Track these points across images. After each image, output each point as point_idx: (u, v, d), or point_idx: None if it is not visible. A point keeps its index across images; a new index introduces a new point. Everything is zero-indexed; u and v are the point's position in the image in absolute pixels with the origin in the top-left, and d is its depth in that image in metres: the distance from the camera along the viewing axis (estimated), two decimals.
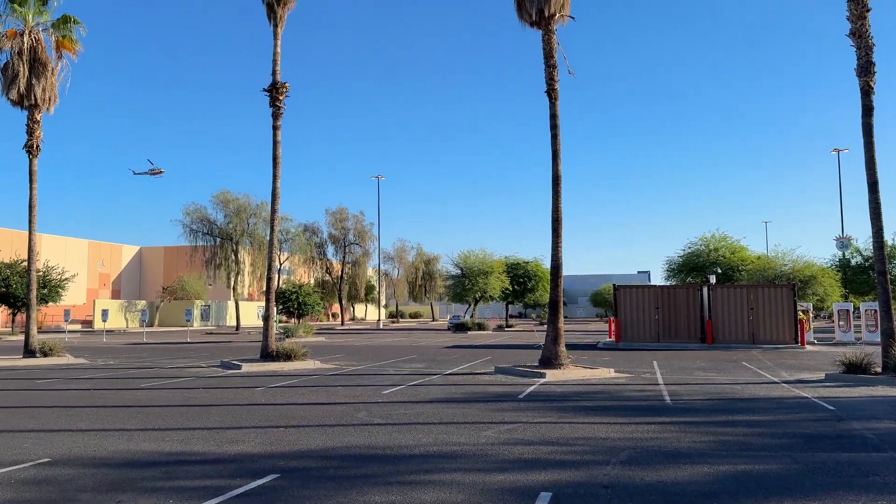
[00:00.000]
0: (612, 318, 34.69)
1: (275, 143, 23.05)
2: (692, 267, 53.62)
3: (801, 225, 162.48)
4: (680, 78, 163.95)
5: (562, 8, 19.28)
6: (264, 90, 23.07)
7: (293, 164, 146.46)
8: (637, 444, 9.04)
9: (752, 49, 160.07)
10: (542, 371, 17.62)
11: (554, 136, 19.20)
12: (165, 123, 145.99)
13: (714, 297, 30.87)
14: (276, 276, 23.62)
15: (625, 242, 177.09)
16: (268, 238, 26.24)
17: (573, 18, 19.77)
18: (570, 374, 17.69)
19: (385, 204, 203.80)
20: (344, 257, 78.52)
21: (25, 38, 24.77)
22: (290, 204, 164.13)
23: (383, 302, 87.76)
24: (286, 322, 56.01)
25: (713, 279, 42.63)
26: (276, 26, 22.96)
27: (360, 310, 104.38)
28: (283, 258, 67.30)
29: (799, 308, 30.91)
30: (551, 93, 19.37)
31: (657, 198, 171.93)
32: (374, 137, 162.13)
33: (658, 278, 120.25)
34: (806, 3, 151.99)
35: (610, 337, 35.15)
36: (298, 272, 78.25)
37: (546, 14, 19.07)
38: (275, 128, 23.08)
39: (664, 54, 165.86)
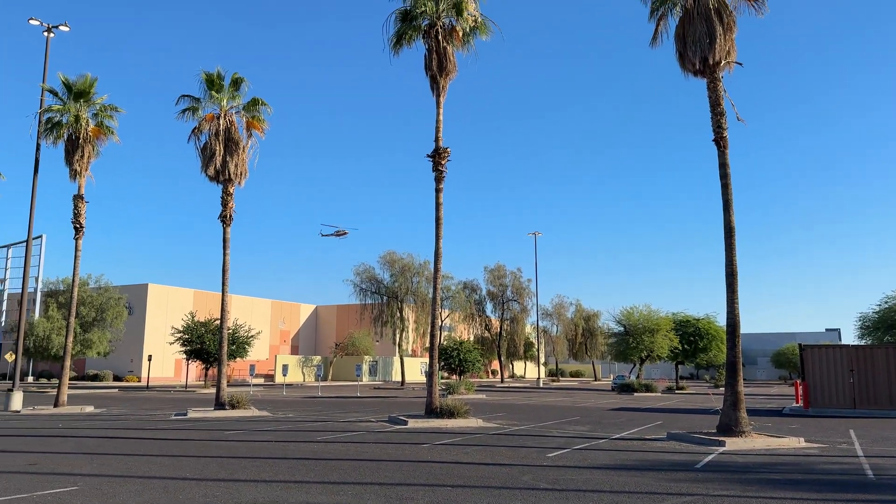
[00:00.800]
0: (798, 381, 31.64)
1: (437, 204, 23.88)
2: (891, 324, 47.90)
3: None
4: (857, 105, 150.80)
5: (727, 55, 18.56)
6: (428, 156, 24.12)
7: (453, 222, 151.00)
8: None
9: None
10: (720, 439, 16.33)
11: (725, 186, 18.25)
12: (335, 189, 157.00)
13: None
14: (439, 333, 24.13)
15: (809, 297, 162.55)
16: (430, 295, 27.00)
17: (740, 64, 18.97)
18: (752, 442, 16.24)
19: (542, 259, 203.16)
20: (502, 314, 78.83)
21: (221, 121, 27.86)
22: (449, 262, 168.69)
23: (542, 359, 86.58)
24: (448, 378, 56.84)
25: None
26: (438, 95, 24.10)
27: (518, 367, 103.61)
28: (443, 315, 68.84)
29: None
30: (720, 141, 18.53)
31: (846, 246, 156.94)
32: (531, 193, 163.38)
33: (849, 337, 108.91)
34: None
35: (797, 402, 32.05)
36: (458, 329, 79.54)
37: (710, 62, 18.45)
38: (437, 191, 23.96)
39: (833, 79, 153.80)
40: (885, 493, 10.38)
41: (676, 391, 54.17)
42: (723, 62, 18.58)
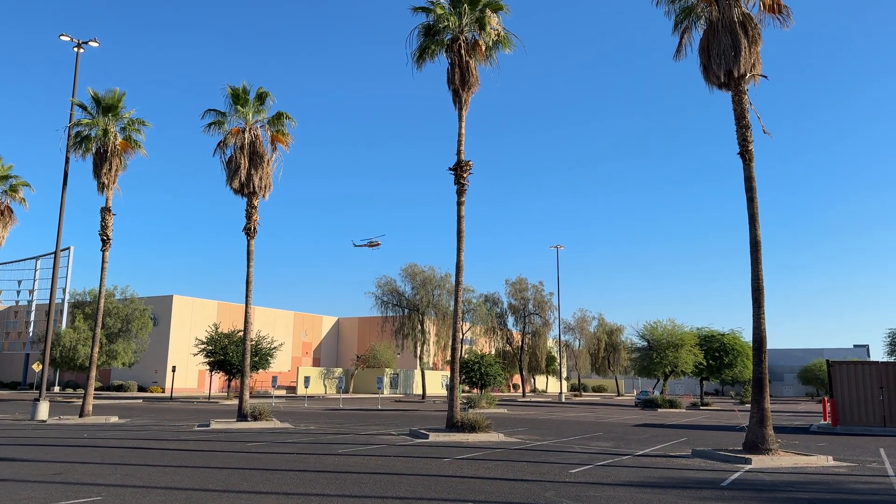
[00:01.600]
0: (826, 398, 31.01)
1: (459, 217, 23.90)
2: None
3: None
4: (885, 113, 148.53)
5: (753, 67, 18.40)
6: (449, 169, 24.18)
7: (474, 235, 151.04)
8: None
9: None
10: (747, 456, 16.03)
11: (750, 200, 18.04)
12: (358, 202, 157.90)
13: None
14: (460, 346, 24.08)
15: (837, 312, 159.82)
16: (451, 308, 26.94)
17: (765, 77, 18.78)
18: (780, 460, 15.92)
19: (564, 273, 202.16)
20: (524, 328, 78.45)
21: (246, 135, 28.18)
22: (471, 275, 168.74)
23: (564, 374, 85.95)
24: (469, 392, 56.56)
25: None
26: (460, 109, 24.18)
27: (540, 381, 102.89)
28: (465, 328, 68.65)
29: None
30: (745, 154, 18.34)
31: (875, 260, 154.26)
32: (554, 206, 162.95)
33: (879, 353, 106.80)
34: None
35: (825, 419, 31.38)
36: (480, 342, 79.27)
37: (735, 75, 18.29)
38: (459, 203, 23.98)
39: (867, 85, 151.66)
40: None
41: (701, 407, 53.37)
42: (748, 75, 18.41)
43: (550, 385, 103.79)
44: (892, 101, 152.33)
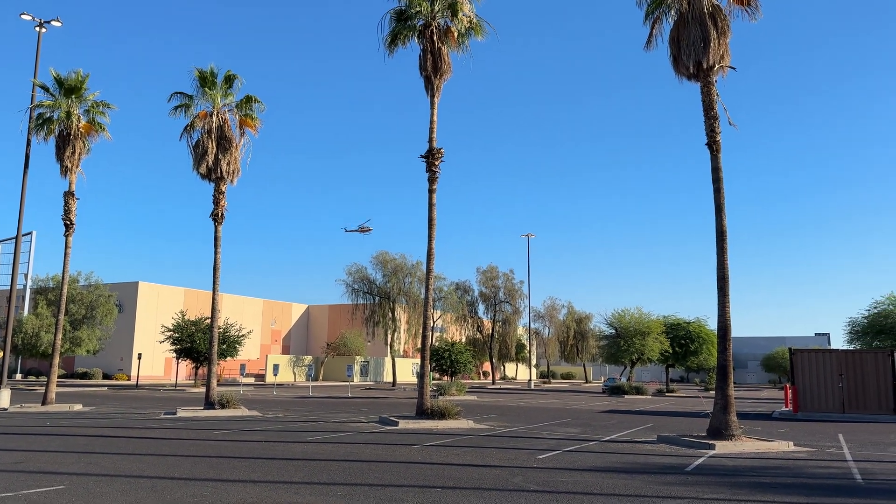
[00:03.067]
0: (788, 386, 31.79)
1: (430, 205, 23.85)
2: (880, 329, 48.22)
3: None
4: (847, 110, 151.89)
5: (721, 59, 18.60)
6: (421, 156, 24.08)
7: (446, 223, 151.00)
8: None
9: None
10: (710, 442, 16.36)
11: (717, 190, 18.30)
12: (328, 189, 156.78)
13: None
14: (431, 334, 24.11)
15: (799, 302, 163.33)
16: (422, 296, 26.95)
17: (734, 69, 19.01)
18: (742, 446, 16.27)
19: (535, 261, 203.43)
20: (494, 315, 78.88)
21: (213, 118, 27.71)
22: (442, 263, 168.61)
23: (534, 361, 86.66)
24: (439, 380, 56.78)
25: None
26: (432, 96, 24.08)
27: (510, 369, 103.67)
28: (436, 316, 68.76)
29: None
30: (713, 145, 18.56)
31: (836, 250, 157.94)
32: (525, 194, 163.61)
33: (839, 341, 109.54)
34: None
35: (786, 406, 32.19)
36: (450, 330, 79.52)
37: (704, 66, 18.46)
38: (430, 191, 23.93)
39: (825, 83, 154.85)
40: (874, 497, 10.42)
41: (667, 394, 54.29)
42: (717, 66, 18.61)
43: (520, 372, 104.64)
44: (858, 96, 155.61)
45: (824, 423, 24.91)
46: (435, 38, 23.75)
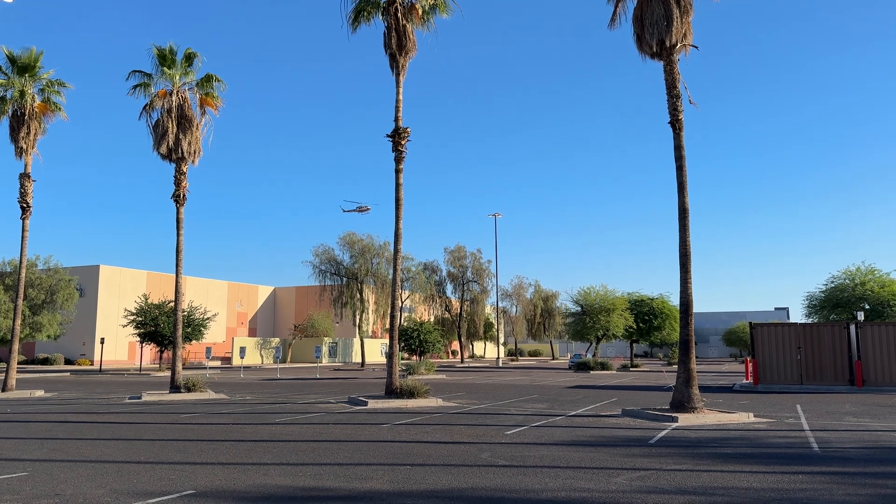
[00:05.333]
0: (748, 359, 32.62)
1: (397, 185, 23.76)
2: (836, 303, 49.78)
3: None
4: (808, 93, 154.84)
5: (684, 37, 18.76)
6: (387, 136, 23.92)
7: (414, 203, 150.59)
8: (783, 496, 8.34)
9: (880, 56, 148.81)
10: (673, 415, 16.75)
11: (679, 168, 18.55)
12: (294, 169, 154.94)
13: (864, 336, 28.35)
14: (399, 314, 24.15)
15: (759, 277, 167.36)
16: (391, 277, 26.92)
17: (696, 48, 19.20)
18: (704, 418, 16.69)
19: (502, 240, 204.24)
20: (462, 295, 79.25)
21: (174, 97, 27.13)
22: (410, 243, 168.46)
23: (502, 339, 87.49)
24: (408, 359, 56.97)
25: (861, 316, 39.31)
26: (398, 75, 23.88)
27: (479, 347, 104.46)
28: (404, 296, 68.78)
29: None
30: (675, 123, 18.78)
31: (795, 228, 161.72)
32: (492, 173, 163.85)
33: (798, 315, 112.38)
34: None
35: (747, 379, 33.05)
36: (419, 310, 79.71)
37: (667, 45, 18.60)
38: (397, 171, 23.83)
39: (787, 66, 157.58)
40: (830, 464, 10.80)
41: (631, 369, 55.31)
42: (679, 45, 18.76)
43: (488, 350, 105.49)
44: (818, 78, 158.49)
45: (783, 395, 25.65)
46: (399, 14, 23.50)
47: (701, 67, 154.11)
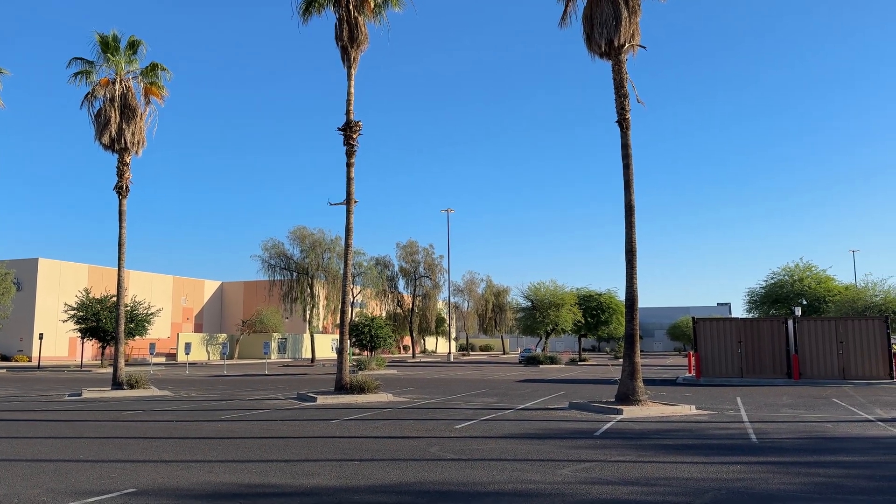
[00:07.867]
0: (691, 353, 33.51)
1: (348, 179, 23.56)
2: (775, 299, 51.54)
3: (893, 253, 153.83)
4: (753, 101, 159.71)
5: (632, 38, 19.09)
6: (338, 129, 23.68)
7: (366, 198, 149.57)
8: (723, 486, 8.61)
9: (829, 67, 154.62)
10: (618, 407, 17.11)
11: (626, 167, 18.90)
12: (242, 162, 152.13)
13: (801, 331, 29.45)
14: (350, 309, 23.97)
15: (703, 273, 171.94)
16: (342, 272, 26.72)
17: (644, 48, 19.56)
18: (648, 410, 17.10)
19: (454, 236, 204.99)
20: (415, 290, 79.15)
21: (117, 86, 26.32)
22: (362, 238, 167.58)
23: (454, 335, 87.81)
24: (359, 355, 56.65)
25: (798, 311, 40.83)
26: (349, 67, 23.64)
27: (430, 342, 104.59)
28: (355, 291, 68.34)
29: (893, 341, 29.10)
30: (622, 122, 19.12)
31: (736, 227, 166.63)
32: (444, 171, 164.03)
33: (739, 310, 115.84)
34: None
35: (690, 372, 33.95)
36: (371, 305, 79.30)
37: (616, 44, 18.91)
38: (348, 165, 23.62)
39: (734, 76, 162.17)
40: (767, 454, 11.19)
41: (579, 363, 56.22)
42: (627, 45, 19.09)
43: (440, 346, 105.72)
44: (762, 83, 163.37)
45: (724, 388, 26.43)
46: (351, 6, 23.27)
47: (649, 71, 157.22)
